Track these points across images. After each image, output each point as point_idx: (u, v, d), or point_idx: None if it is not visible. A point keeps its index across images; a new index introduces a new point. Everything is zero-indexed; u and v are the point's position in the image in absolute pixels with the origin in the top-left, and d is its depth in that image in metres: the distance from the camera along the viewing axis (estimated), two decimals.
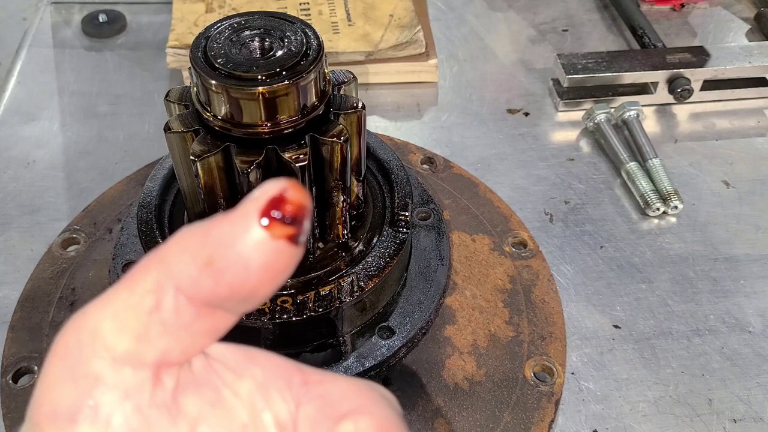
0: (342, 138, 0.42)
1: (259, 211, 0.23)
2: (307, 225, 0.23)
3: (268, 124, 0.40)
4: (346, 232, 0.48)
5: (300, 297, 0.45)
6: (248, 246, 0.23)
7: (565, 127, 0.76)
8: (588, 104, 0.77)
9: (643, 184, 0.67)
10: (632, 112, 0.73)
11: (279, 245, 0.23)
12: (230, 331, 0.26)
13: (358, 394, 0.26)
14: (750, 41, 0.87)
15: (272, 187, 0.23)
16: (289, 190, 0.23)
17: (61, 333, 0.24)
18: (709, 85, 0.77)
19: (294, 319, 0.44)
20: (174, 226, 0.50)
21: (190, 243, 0.24)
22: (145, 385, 0.24)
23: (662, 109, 0.78)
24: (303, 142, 0.41)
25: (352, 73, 0.46)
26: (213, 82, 0.39)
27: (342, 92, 0.44)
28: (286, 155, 0.41)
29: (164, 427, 0.24)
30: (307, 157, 0.41)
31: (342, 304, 0.45)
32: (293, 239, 0.23)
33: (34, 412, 0.24)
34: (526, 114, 0.78)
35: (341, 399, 0.26)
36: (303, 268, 0.47)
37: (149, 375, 0.24)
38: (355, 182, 0.48)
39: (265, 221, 0.23)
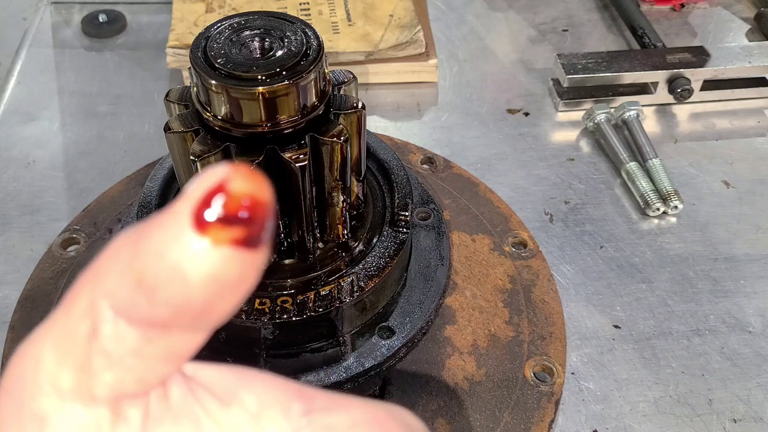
0: (342, 138, 0.42)
1: (191, 210, 0.18)
2: (266, 221, 0.19)
3: (268, 124, 0.40)
4: (346, 232, 0.48)
5: (300, 297, 0.45)
6: (182, 257, 0.18)
7: (565, 127, 0.76)
8: (588, 104, 0.77)
9: (643, 184, 0.67)
10: (632, 112, 0.73)
11: (224, 253, 0.18)
12: (228, 331, 0.23)
13: (374, 424, 0.22)
14: (750, 41, 0.87)
15: (209, 177, 0.18)
16: (233, 180, 0.18)
17: (9, 363, 0.21)
18: (709, 85, 0.77)
19: (294, 319, 0.44)
20: None
21: (120, 254, 0.20)
22: (103, 423, 0.20)
23: (662, 109, 0.78)
24: (303, 142, 0.41)
25: (352, 73, 0.46)
26: (213, 82, 0.39)
27: (342, 92, 0.44)
28: (286, 155, 0.41)
29: None
30: (307, 157, 0.41)
31: (342, 304, 0.45)
32: (246, 242, 0.18)
33: None
34: (526, 114, 0.78)
35: None
36: (303, 268, 0.47)
37: (105, 411, 0.20)
38: (355, 182, 0.48)
39: (200, 223, 0.18)
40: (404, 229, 0.49)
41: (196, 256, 0.18)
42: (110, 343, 0.19)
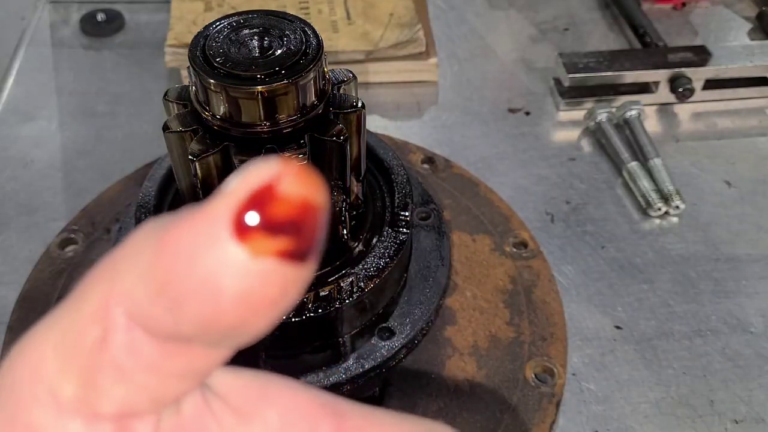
0: (342, 137, 0.41)
1: (232, 211, 0.15)
2: (318, 231, 0.16)
3: (267, 124, 0.40)
4: (345, 232, 0.48)
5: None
6: (216, 267, 0.15)
7: (567, 126, 0.76)
8: (589, 103, 0.76)
9: (645, 183, 0.67)
10: (634, 112, 0.73)
11: (265, 266, 0.15)
12: None
13: None
14: (752, 40, 0.87)
15: (255, 173, 0.16)
16: (284, 179, 0.15)
17: (4, 362, 0.18)
18: (711, 84, 0.77)
19: (293, 320, 0.44)
20: None
21: (143, 250, 0.17)
22: None
23: (664, 108, 0.78)
24: (302, 141, 0.41)
25: (351, 72, 0.45)
26: (212, 81, 0.39)
27: (342, 91, 0.44)
28: (286, 155, 0.40)
29: None
30: (306, 156, 0.41)
31: (342, 305, 0.45)
32: (292, 255, 0.16)
33: None
34: (527, 113, 0.78)
35: None
36: None
37: (109, 429, 0.18)
38: (355, 182, 0.47)
39: (241, 228, 0.15)
40: (404, 230, 0.49)
41: (232, 268, 0.15)
42: (122, 356, 0.17)
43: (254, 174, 0.16)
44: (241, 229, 0.15)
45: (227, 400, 0.20)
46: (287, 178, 0.15)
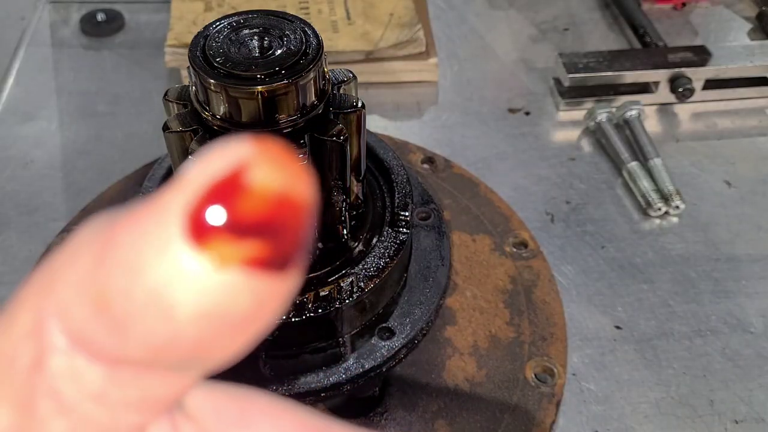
0: (342, 137, 0.41)
1: (187, 209, 0.12)
2: (301, 232, 0.12)
3: (267, 124, 0.40)
4: (345, 232, 0.48)
5: (299, 298, 0.45)
6: (166, 278, 0.12)
7: (567, 126, 0.76)
8: (589, 103, 0.76)
9: (645, 183, 0.67)
10: (634, 112, 0.73)
11: (230, 279, 0.12)
12: None
13: None
14: (752, 40, 0.87)
15: (221, 157, 0.12)
16: (256, 163, 0.12)
17: None
18: (711, 84, 0.77)
19: (293, 320, 0.44)
20: None
21: (81, 254, 0.13)
22: None
23: (664, 108, 0.78)
24: (302, 141, 0.41)
25: (351, 72, 0.45)
26: (212, 81, 0.39)
27: (342, 91, 0.44)
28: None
29: None
30: (306, 156, 0.41)
31: (342, 305, 0.45)
32: (267, 263, 0.12)
33: None
34: (527, 113, 0.78)
35: None
36: None
37: None
38: (355, 182, 0.47)
39: (199, 229, 0.12)
40: (404, 230, 0.49)
41: (187, 280, 0.12)
42: (61, 382, 0.13)
43: (218, 157, 0.12)
44: (199, 230, 0.12)
45: (201, 422, 0.16)
46: (261, 162, 0.12)
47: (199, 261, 0.12)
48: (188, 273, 0.12)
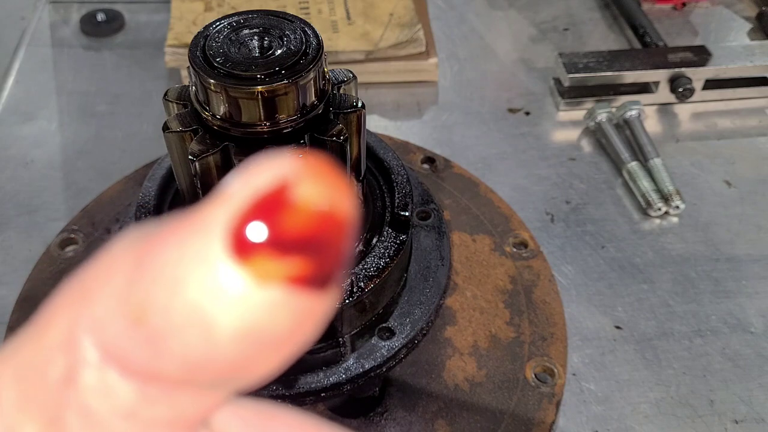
0: (341, 137, 0.41)
1: (230, 224, 0.12)
2: (342, 250, 0.12)
3: (267, 124, 0.40)
4: None
5: None
6: (207, 295, 0.12)
7: (567, 126, 0.76)
8: (589, 103, 0.76)
9: (645, 183, 0.67)
10: (634, 112, 0.73)
11: (272, 297, 0.12)
12: None
13: None
14: (752, 40, 0.87)
15: (265, 172, 0.12)
16: (302, 180, 0.12)
17: None
18: (711, 84, 0.77)
19: None
20: None
21: (117, 268, 0.13)
22: None
23: (664, 108, 0.78)
24: (302, 141, 0.41)
25: (351, 72, 0.45)
26: (211, 81, 0.39)
27: (342, 91, 0.44)
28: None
29: None
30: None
31: (341, 305, 0.45)
32: (309, 281, 0.12)
33: None
34: (527, 113, 0.78)
35: None
36: None
37: None
38: (355, 182, 0.47)
39: (241, 246, 0.12)
40: (404, 230, 0.49)
41: (228, 297, 0.12)
42: (92, 398, 0.13)
43: (262, 171, 0.12)
44: (242, 246, 0.12)
45: None
46: (305, 179, 0.12)
47: (242, 277, 0.12)
48: (230, 290, 0.12)
